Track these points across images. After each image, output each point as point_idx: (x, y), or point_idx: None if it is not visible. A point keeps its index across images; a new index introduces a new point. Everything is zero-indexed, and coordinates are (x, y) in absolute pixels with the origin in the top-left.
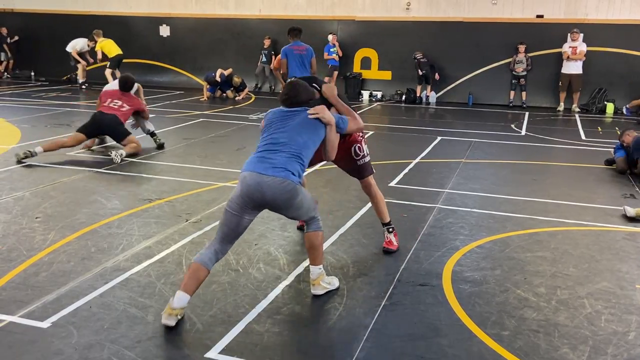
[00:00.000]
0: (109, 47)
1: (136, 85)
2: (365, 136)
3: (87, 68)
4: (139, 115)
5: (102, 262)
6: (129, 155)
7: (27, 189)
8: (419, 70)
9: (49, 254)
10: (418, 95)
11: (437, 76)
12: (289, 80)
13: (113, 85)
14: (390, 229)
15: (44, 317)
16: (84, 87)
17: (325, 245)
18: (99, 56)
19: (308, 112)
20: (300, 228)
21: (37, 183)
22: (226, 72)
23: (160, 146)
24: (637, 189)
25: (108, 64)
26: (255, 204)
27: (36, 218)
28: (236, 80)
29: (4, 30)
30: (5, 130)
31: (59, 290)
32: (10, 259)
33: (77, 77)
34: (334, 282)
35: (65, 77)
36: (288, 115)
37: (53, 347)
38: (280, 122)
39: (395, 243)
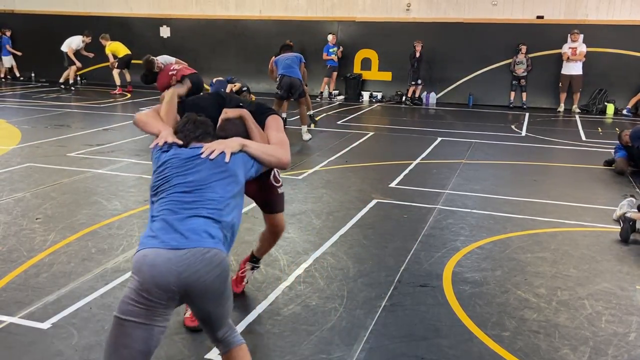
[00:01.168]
0: (118, 48)
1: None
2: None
3: (87, 69)
4: None
5: (103, 263)
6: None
7: (28, 190)
8: (415, 72)
9: (50, 255)
10: (417, 96)
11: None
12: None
13: (166, 58)
14: (256, 266)
15: (44, 318)
16: (73, 88)
17: (326, 246)
18: (111, 59)
19: (202, 151)
20: None
21: (38, 184)
22: (235, 88)
23: None
24: (637, 190)
25: (116, 64)
26: (167, 295)
27: (37, 219)
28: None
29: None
30: (6, 131)
31: (60, 291)
32: (10, 259)
33: (68, 78)
34: None
35: None
36: (189, 160)
37: (53, 348)
38: (181, 174)
39: (243, 283)
